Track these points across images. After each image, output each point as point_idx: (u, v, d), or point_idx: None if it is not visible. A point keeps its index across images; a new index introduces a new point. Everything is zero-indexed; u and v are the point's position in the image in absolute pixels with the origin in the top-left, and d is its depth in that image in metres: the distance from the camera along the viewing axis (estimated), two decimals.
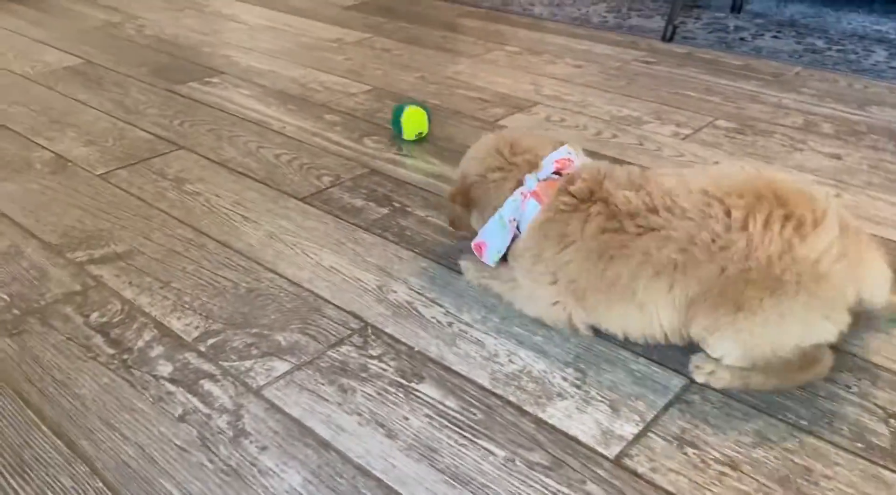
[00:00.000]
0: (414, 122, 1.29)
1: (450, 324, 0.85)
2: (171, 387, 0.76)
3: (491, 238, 0.87)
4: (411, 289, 0.91)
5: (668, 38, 1.83)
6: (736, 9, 2.05)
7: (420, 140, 1.31)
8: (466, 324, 0.85)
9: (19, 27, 1.92)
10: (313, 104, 1.47)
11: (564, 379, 0.77)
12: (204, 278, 0.93)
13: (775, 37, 1.86)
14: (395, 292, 0.90)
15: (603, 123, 1.39)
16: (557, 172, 0.84)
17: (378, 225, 1.05)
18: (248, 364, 0.79)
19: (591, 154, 1.24)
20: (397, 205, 1.11)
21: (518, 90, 1.55)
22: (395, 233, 1.03)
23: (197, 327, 0.84)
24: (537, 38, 1.88)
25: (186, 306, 0.88)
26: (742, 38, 1.85)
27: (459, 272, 0.94)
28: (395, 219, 1.07)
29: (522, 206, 0.84)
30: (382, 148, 1.29)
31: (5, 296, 0.90)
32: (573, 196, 0.80)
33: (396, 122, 1.31)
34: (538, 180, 0.84)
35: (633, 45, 1.82)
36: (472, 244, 0.89)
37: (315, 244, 1.00)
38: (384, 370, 0.78)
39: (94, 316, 0.86)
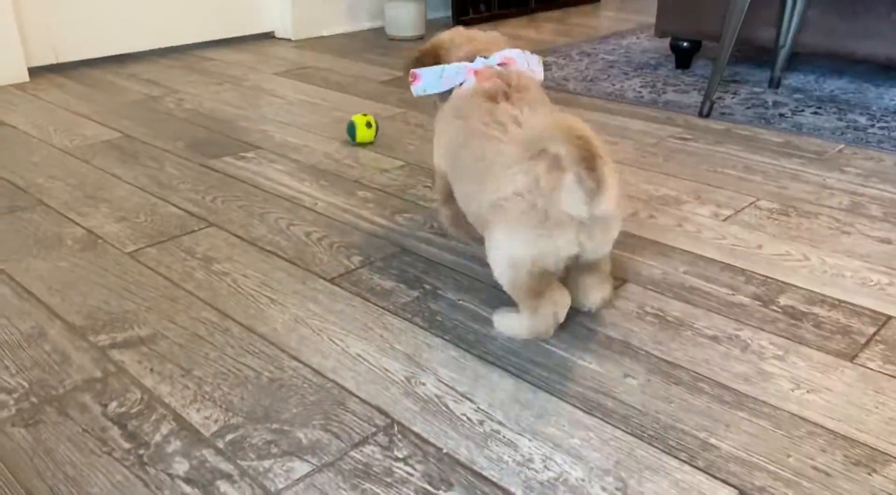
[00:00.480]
0: (359, 121, 1.64)
1: (481, 423, 0.80)
2: (187, 488, 0.72)
3: (427, 77, 1.06)
4: (441, 382, 0.87)
5: (705, 113, 1.81)
6: (774, 84, 2.03)
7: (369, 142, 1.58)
8: (499, 422, 0.80)
9: (64, 101, 1.97)
10: (346, 180, 1.46)
11: (604, 488, 0.71)
12: (226, 366, 0.90)
13: (816, 113, 1.83)
14: (423, 385, 0.86)
15: (640, 203, 1.35)
16: (501, 64, 1.04)
17: (408, 309, 1.02)
18: (266, 464, 0.75)
19: (630, 235, 1.21)
20: (428, 287, 1.07)
21: None
22: (425, 318, 0.99)
23: (216, 421, 0.81)
24: (571, 114, 1.86)
25: (206, 397, 0.84)
26: (782, 114, 1.82)
27: (492, 362, 0.90)
28: (425, 302, 1.03)
29: (467, 75, 1.03)
30: (414, 226, 1.26)
31: (24, 383, 0.87)
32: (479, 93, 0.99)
33: (351, 132, 1.66)
34: (483, 63, 1.04)
35: (670, 121, 1.80)
36: (411, 71, 1.08)
37: (342, 329, 0.97)
38: (410, 474, 0.73)
39: (113, 405, 0.83)
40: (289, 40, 2.72)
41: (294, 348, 0.93)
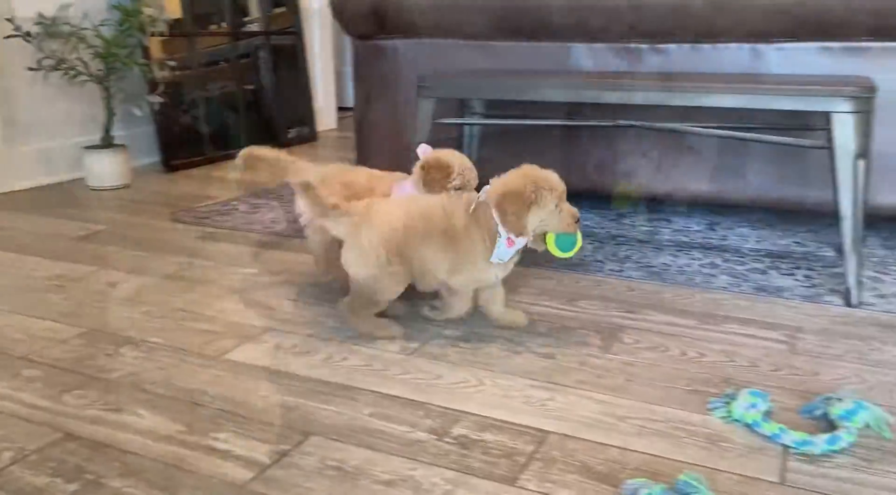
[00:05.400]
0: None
1: None
2: None
3: None
4: None
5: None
6: None
7: None
8: None
9: None
10: (11, 357, 1.31)
11: None
12: None
13: None
14: None
15: (334, 346, 1.36)
16: None
17: None
18: None
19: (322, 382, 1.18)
20: (90, 476, 0.97)
21: (247, 316, 1.50)
22: None
23: None
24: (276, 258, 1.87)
25: None
26: None
27: None
28: None
29: None
30: (85, 403, 1.15)
31: None
32: None
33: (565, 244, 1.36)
34: None
35: None
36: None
37: None
38: None
39: None
40: None
41: None
